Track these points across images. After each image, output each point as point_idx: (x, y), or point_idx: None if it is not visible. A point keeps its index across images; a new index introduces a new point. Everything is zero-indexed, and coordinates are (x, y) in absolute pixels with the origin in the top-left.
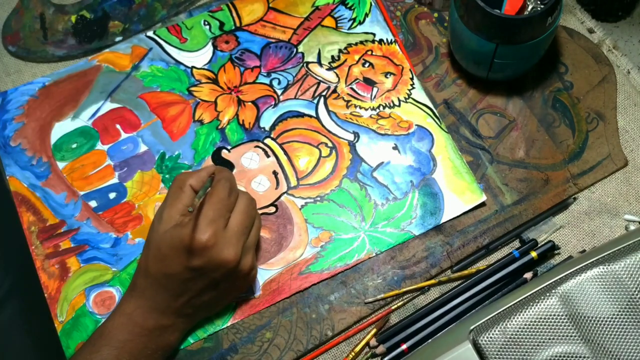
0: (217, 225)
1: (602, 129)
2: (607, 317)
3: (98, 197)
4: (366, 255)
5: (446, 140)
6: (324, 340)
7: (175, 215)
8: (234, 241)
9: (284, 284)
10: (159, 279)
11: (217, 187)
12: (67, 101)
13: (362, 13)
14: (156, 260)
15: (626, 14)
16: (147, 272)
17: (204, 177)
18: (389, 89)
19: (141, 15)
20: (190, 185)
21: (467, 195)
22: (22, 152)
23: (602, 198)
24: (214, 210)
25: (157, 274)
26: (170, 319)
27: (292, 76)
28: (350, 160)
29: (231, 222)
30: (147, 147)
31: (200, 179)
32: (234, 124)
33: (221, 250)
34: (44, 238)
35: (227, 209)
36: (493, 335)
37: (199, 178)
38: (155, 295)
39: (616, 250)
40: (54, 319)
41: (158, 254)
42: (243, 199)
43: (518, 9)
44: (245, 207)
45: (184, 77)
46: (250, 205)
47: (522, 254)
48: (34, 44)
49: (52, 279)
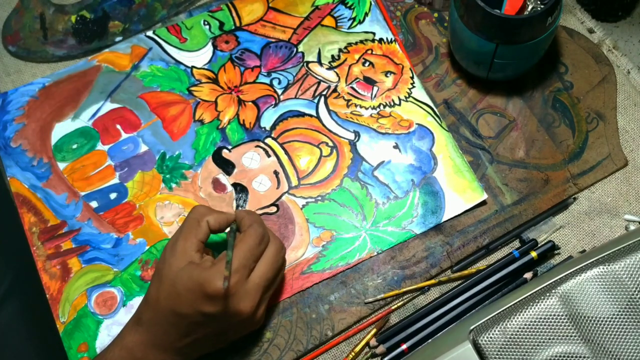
0: (240, 275)
1: (602, 129)
2: (607, 317)
3: (99, 197)
4: (368, 254)
5: (447, 138)
6: (324, 340)
7: (190, 251)
8: (253, 293)
9: (286, 283)
10: (168, 317)
11: (248, 232)
12: (67, 102)
13: (362, 12)
14: (169, 297)
15: (626, 14)
16: (158, 306)
17: (222, 219)
18: (389, 88)
19: (141, 15)
20: (207, 222)
21: (468, 193)
22: (23, 153)
23: (602, 198)
24: (240, 258)
25: (167, 311)
26: (170, 356)
27: (292, 76)
28: (351, 159)
29: (255, 274)
30: (147, 147)
31: (219, 220)
32: (234, 124)
33: (239, 301)
34: (45, 239)
35: (254, 258)
36: (493, 335)
37: (218, 219)
38: (161, 333)
39: (616, 250)
40: (56, 320)
41: (172, 291)
42: (272, 248)
43: (518, 9)
44: (272, 258)
45: (184, 76)
46: (278, 256)
47: (522, 254)
48: (34, 44)
49: (53, 279)
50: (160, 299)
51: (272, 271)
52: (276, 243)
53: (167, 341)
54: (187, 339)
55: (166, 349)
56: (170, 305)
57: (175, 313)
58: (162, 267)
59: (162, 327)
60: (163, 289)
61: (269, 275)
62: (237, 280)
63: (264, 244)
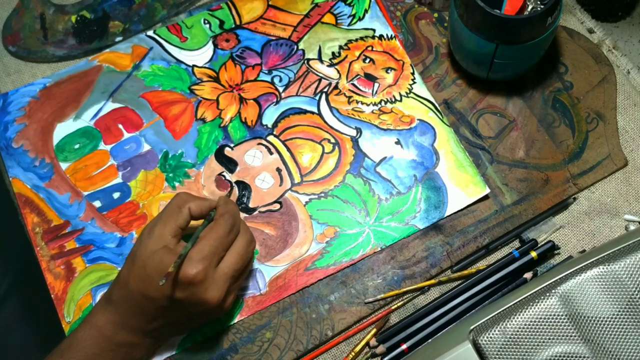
0: (209, 262)
1: (602, 129)
2: (607, 317)
3: (102, 197)
4: (371, 250)
5: (448, 134)
6: (324, 340)
7: (167, 235)
8: (220, 283)
9: (290, 280)
10: (137, 299)
11: (219, 221)
12: (69, 102)
13: (362, 9)
14: (139, 279)
15: (626, 14)
16: (127, 287)
17: (205, 206)
18: (390, 84)
19: (141, 15)
20: (189, 208)
21: (470, 188)
22: (25, 154)
23: (602, 198)
24: (209, 246)
25: (136, 293)
26: (139, 338)
27: (293, 73)
28: (353, 155)
29: (223, 263)
30: (150, 146)
31: (201, 207)
32: (236, 122)
33: (206, 289)
34: (49, 239)
35: (223, 247)
36: (493, 335)
37: (200, 205)
38: (129, 314)
39: (616, 250)
40: (62, 320)
41: (143, 273)
42: (242, 239)
43: (518, 9)
44: (242, 249)
45: (185, 75)
46: (248, 248)
47: (522, 254)
48: (34, 44)
49: (58, 279)
50: (130, 279)
51: (241, 262)
52: (247, 235)
53: (135, 323)
54: (155, 322)
55: (134, 331)
56: (140, 287)
57: (144, 295)
58: (137, 249)
59: (130, 309)
60: (134, 270)
61: (237, 266)
62: (205, 267)
63: (233, 234)
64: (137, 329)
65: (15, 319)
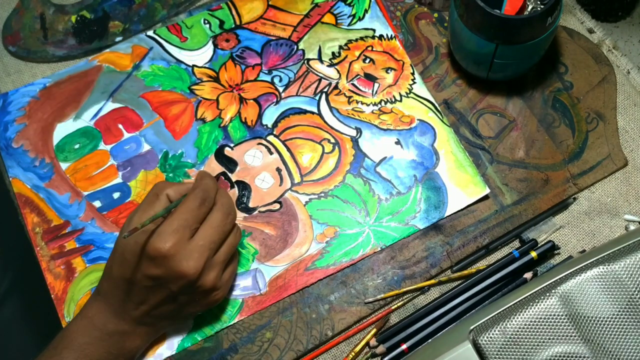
0: (180, 235)
1: (602, 129)
2: (607, 317)
3: (102, 197)
4: (371, 250)
5: (448, 134)
6: (324, 340)
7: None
8: (195, 255)
9: (290, 280)
10: (121, 285)
11: (189, 196)
12: (69, 102)
13: (362, 9)
14: (119, 265)
15: (626, 14)
16: (110, 275)
17: (183, 189)
18: (390, 84)
19: (141, 15)
20: (167, 195)
21: (470, 188)
22: (25, 154)
23: (602, 198)
24: (179, 219)
25: (118, 279)
26: (130, 325)
27: (293, 73)
28: (353, 155)
29: (197, 235)
30: (150, 146)
31: (179, 191)
32: (236, 122)
33: (180, 261)
34: (49, 239)
35: (195, 220)
36: (493, 335)
37: (178, 189)
38: (116, 301)
39: (616, 250)
40: (61, 320)
41: (122, 258)
42: (218, 212)
43: (518, 9)
44: (218, 222)
45: (185, 75)
46: (225, 220)
47: (522, 254)
48: (34, 44)
49: (58, 279)
50: (113, 267)
51: (217, 234)
52: (224, 208)
53: (123, 310)
54: (142, 307)
55: (124, 318)
56: (121, 272)
57: (126, 280)
58: (118, 239)
59: (116, 296)
60: (114, 257)
61: (213, 238)
62: (177, 240)
63: (205, 207)
64: (126, 317)
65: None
